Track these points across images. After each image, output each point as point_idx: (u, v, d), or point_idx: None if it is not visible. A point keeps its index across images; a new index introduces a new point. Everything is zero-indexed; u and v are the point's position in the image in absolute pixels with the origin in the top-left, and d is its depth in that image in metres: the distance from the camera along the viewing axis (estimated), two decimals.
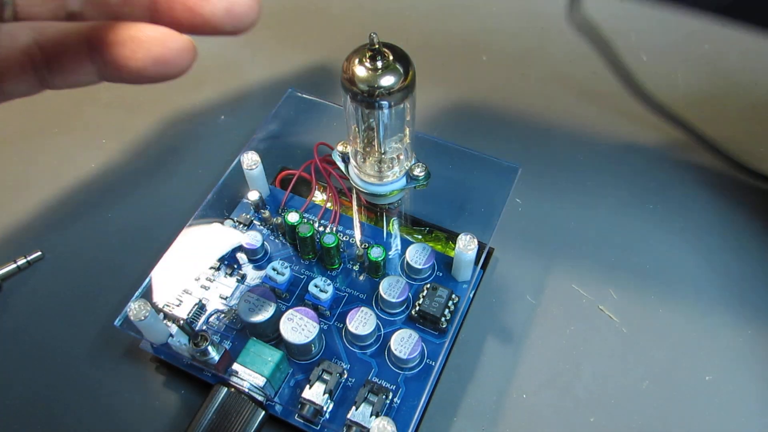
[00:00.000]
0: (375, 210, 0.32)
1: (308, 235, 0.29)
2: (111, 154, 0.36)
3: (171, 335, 0.27)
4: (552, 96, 0.39)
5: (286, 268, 0.29)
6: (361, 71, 0.25)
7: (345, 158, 0.30)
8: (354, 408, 0.25)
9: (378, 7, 0.44)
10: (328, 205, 0.32)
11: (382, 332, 0.28)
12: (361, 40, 0.25)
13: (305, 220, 0.30)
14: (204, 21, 0.19)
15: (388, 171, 0.29)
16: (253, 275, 0.30)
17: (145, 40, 0.19)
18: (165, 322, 0.28)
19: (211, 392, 0.25)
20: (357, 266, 0.30)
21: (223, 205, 0.32)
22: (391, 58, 0.25)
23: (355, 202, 0.32)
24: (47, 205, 0.34)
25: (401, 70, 0.25)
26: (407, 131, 0.28)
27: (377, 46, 0.24)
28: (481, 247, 0.29)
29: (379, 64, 0.24)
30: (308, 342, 0.26)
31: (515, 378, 0.28)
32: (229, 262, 0.30)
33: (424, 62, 0.31)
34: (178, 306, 0.28)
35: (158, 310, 0.28)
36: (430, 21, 0.44)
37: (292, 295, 0.29)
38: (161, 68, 0.19)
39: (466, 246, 0.28)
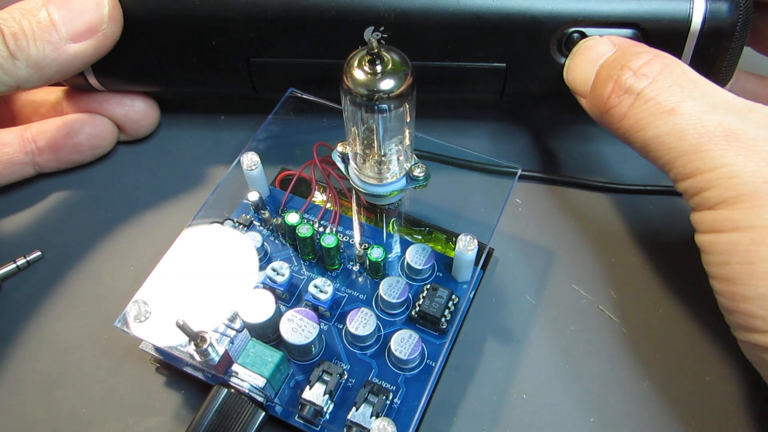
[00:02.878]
0: (375, 211, 0.32)
1: (308, 235, 0.29)
2: (110, 154, 0.36)
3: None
4: None
5: (285, 268, 0.29)
6: (360, 75, 0.25)
7: (344, 159, 0.30)
8: (354, 409, 0.25)
9: None
10: (328, 205, 0.32)
11: (382, 333, 0.28)
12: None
13: (305, 221, 0.30)
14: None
15: (387, 172, 0.29)
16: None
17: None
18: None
19: (211, 393, 0.25)
20: (357, 267, 0.30)
21: (223, 206, 0.32)
22: (390, 62, 0.25)
23: (354, 203, 0.32)
24: (47, 205, 0.34)
25: (400, 74, 0.25)
26: (407, 133, 0.28)
27: (376, 50, 0.24)
28: (481, 247, 0.29)
29: (379, 68, 0.24)
30: (308, 343, 0.26)
31: (515, 378, 0.28)
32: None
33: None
34: (177, 306, 0.28)
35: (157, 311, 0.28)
36: None
37: (292, 295, 0.29)
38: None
39: (466, 246, 0.28)
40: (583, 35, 0.30)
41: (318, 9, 0.30)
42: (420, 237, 0.31)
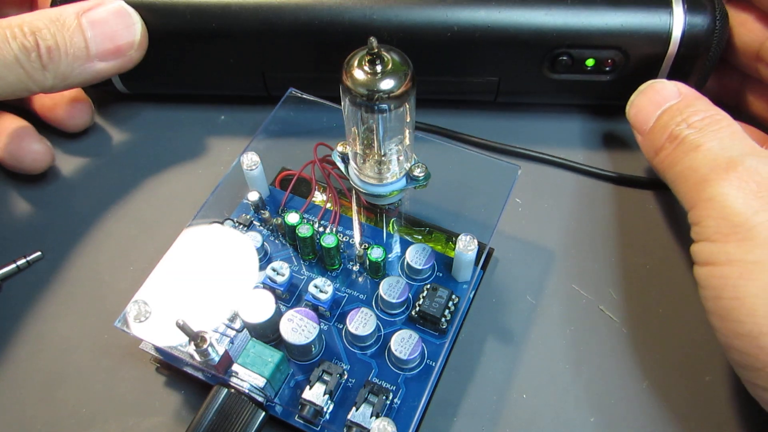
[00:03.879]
0: (375, 211, 0.32)
1: (308, 235, 0.29)
2: (111, 154, 0.36)
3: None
4: None
5: (285, 268, 0.29)
6: (360, 75, 0.25)
7: (344, 159, 0.30)
8: (354, 409, 0.25)
9: None
10: (328, 205, 0.32)
11: (382, 333, 0.28)
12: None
13: (305, 221, 0.30)
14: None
15: (387, 172, 0.29)
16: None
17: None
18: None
19: (211, 393, 0.25)
20: (357, 267, 0.30)
21: (223, 206, 0.32)
22: (390, 62, 0.25)
23: (354, 203, 0.32)
24: (47, 205, 0.34)
25: (401, 74, 0.25)
26: (407, 132, 0.28)
27: (376, 50, 0.24)
28: (481, 247, 0.29)
29: (378, 68, 0.24)
30: (308, 343, 0.26)
31: (515, 378, 0.28)
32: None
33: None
34: (177, 306, 0.28)
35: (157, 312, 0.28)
36: None
37: (292, 295, 0.29)
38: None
39: (466, 246, 0.28)
40: (571, 57, 0.33)
41: (326, 32, 0.33)
42: (420, 237, 0.31)
